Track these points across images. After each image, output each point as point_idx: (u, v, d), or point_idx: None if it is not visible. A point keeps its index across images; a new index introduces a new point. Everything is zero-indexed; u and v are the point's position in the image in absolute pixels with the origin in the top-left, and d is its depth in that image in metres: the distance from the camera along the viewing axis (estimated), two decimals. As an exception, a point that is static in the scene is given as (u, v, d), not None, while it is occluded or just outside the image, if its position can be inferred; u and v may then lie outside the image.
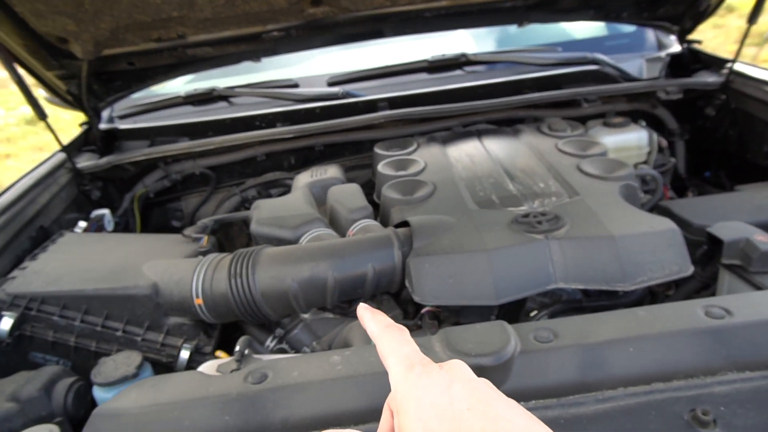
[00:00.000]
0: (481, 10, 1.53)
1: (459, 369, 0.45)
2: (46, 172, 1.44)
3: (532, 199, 1.16)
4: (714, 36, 7.46)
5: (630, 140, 1.59)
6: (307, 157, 1.79)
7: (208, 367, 0.88)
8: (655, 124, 1.80)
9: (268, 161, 1.78)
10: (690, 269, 1.00)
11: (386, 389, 0.73)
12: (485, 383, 0.44)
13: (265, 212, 1.24)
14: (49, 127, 1.42)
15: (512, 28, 2.06)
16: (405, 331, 0.49)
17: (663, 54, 1.80)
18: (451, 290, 0.98)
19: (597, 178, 1.22)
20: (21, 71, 1.41)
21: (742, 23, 1.39)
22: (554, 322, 0.81)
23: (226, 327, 1.20)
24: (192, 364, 1.06)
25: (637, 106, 1.73)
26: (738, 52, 1.53)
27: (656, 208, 1.34)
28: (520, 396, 0.72)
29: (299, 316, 1.16)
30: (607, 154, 1.37)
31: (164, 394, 0.75)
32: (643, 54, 1.89)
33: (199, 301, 1.04)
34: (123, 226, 1.68)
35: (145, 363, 1.02)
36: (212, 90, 1.80)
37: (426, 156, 1.43)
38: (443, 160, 1.38)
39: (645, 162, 1.63)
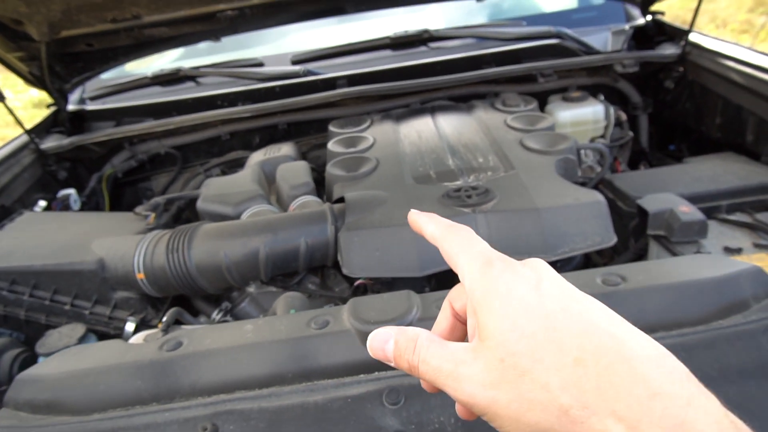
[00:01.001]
0: (435, -15, 1.52)
1: (543, 266, 0.40)
2: (8, 154, 1.49)
3: (468, 174, 1.18)
4: (727, 5, 7.30)
5: (586, 114, 1.59)
6: (272, 136, 1.81)
7: (137, 338, 0.93)
8: (619, 97, 1.80)
9: (234, 140, 1.81)
10: (613, 240, 1.02)
11: (292, 355, 0.78)
12: (573, 286, 0.39)
13: (212, 189, 1.28)
14: (8, 108, 1.46)
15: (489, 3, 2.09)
16: (470, 231, 0.45)
17: (626, 26, 1.79)
18: (378, 263, 1.01)
19: (537, 153, 1.23)
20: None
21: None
22: (459, 291, 0.84)
23: (179, 300, 1.25)
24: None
25: (598, 80, 1.73)
26: (692, 23, 1.51)
27: (601, 181, 1.36)
28: (416, 360, 0.76)
29: (246, 289, 1.21)
30: (554, 128, 1.37)
31: (84, 361, 0.80)
32: (610, 27, 1.87)
33: (140, 276, 1.08)
34: (93, 205, 1.72)
35: (90, 334, 1.07)
36: (178, 70, 1.82)
37: (377, 133, 1.45)
38: (392, 137, 1.40)
39: (602, 136, 1.63)
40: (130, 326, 1.11)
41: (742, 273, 0.79)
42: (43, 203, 1.45)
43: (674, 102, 1.69)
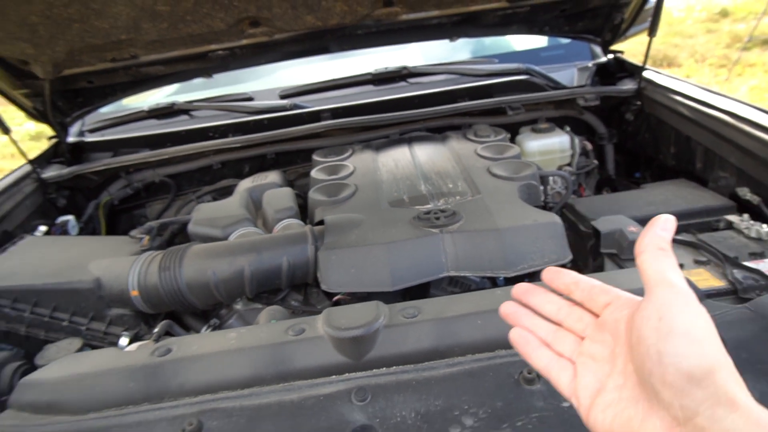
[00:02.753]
0: (409, 27, 1.66)
1: None
2: (11, 183, 1.58)
3: (438, 198, 1.28)
4: (706, 41, 7.63)
5: (553, 144, 1.72)
6: (261, 165, 1.92)
7: (131, 348, 1.01)
8: (586, 128, 1.93)
9: (225, 169, 1.91)
10: (568, 257, 1.12)
11: (271, 359, 0.86)
12: None
13: (202, 214, 1.38)
14: (12, 141, 1.56)
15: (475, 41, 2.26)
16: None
17: (590, 64, 1.94)
18: (353, 279, 1.10)
19: (502, 179, 1.34)
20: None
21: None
22: (423, 301, 0.94)
23: (170, 317, 1.32)
24: (131, 350, 1.19)
25: (564, 113, 1.86)
26: (644, 61, 1.65)
27: (565, 205, 1.47)
28: (382, 362, 0.85)
29: (233, 306, 1.29)
30: (520, 157, 1.49)
31: (81, 367, 0.88)
32: (576, 64, 2.03)
33: (134, 293, 1.17)
34: (90, 231, 1.81)
35: (86, 348, 1.14)
36: (173, 104, 1.94)
37: (357, 161, 1.56)
38: (371, 165, 1.51)
39: (569, 164, 1.75)
40: (123, 341, 1.19)
41: (670, 282, 0.89)
42: (43, 228, 1.54)
43: (635, 133, 1.82)
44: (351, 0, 1.50)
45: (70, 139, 1.88)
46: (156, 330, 1.00)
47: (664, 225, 0.51)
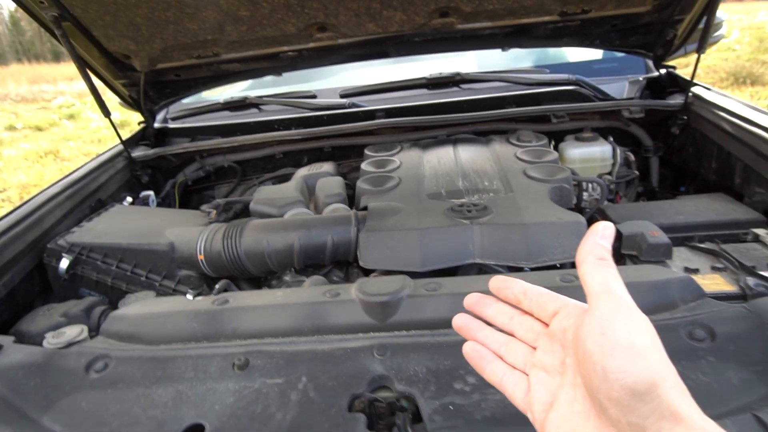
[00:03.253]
0: (463, 36, 1.78)
1: None
2: (106, 159, 1.84)
3: (473, 194, 1.39)
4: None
5: (594, 153, 1.78)
6: (318, 157, 2.10)
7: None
8: (633, 140, 1.97)
9: (285, 159, 2.11)
10: (587, 255, 1.20)
11: (309, 315, 1.01)
12: None
13: (263, 194, 1.56)
14: (112, 123, 1.81)
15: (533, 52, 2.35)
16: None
17: (641, 77, 1.97)
18: (388, 258, 1.24)
19: (536, 180, 1.43)
20: (96, 80, 1.82)
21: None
22: (443, 279, 1.06)
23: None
24: (194, 306, 1.38)
25: (609, 124, 1.91)
26: (692, 76, 1.68)
27: (598, 210, 1.54)
28: (403, 326, 0.98)
29: (282, 278, 1.46)
30: (558, 162, 1.57)
31: (157, 307, 1.07)
32: (628, 77, 2.07)
33: (201, 257, 1.36)
34: (166, 206, 2.05)
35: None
36: (245, 98, 2.15)
37: (404, 157, 1.69)
38: (416, 161, 1.65)
39: (609, 173, 1.80)
40: (189, 297, 1.38)
41: (673, 280, 0.96)
42: (129, 199, 1.78)
43: (681, 147, 1.84)
44: (410, 10, 1.64)
45: (156, 124, 2.14)
46: (217, 286, 1.18)
47: (603, 233, 0.51)
